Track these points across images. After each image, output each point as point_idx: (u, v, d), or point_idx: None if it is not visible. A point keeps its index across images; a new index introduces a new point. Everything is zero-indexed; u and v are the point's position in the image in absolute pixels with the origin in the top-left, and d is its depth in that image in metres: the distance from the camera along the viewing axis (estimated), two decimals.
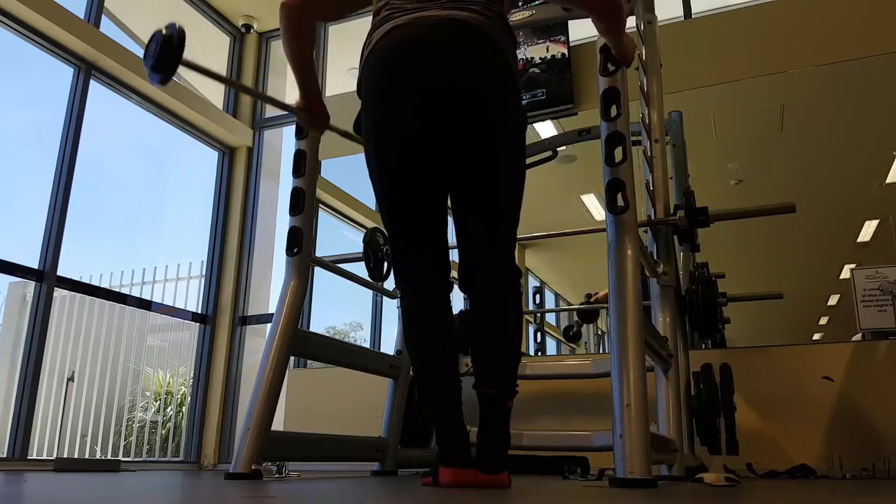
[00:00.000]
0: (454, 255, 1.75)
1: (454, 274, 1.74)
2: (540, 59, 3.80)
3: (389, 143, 1.65)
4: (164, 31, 1.62)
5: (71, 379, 4.20)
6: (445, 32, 1.59)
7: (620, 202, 1.82)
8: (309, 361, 4.05)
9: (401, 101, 1.61)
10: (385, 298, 4.23)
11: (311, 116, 1.98)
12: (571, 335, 4.30)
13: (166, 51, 1.61)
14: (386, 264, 2.77)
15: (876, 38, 3.20)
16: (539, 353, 4.26)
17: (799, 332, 3.89)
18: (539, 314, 4.44)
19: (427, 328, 1.70)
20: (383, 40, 1.62)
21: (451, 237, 1.75)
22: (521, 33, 3.81)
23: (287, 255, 2.28)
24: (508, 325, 1.66)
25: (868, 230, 3.82)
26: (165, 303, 4.40)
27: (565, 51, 3.76)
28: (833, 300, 4.01)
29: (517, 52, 1.74)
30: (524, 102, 3.78)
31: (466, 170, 1.64)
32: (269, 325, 2.44)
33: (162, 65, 1.62)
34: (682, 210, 2.52)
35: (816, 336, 3.93)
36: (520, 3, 1.91)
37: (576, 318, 4.38)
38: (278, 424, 2.31)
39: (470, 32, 1.59)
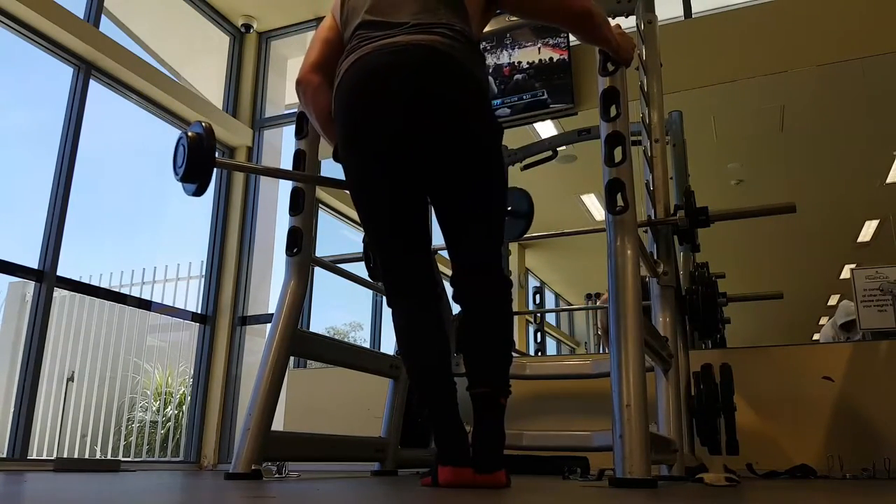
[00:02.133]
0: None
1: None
2: (528, 63, 3.79)
3: (364, 166, 1.70)
4: (189, 134, 1.40)
5: (71, 379, 4.20)
6: (409, 58, 1.62)
7: (620, 202, 1.82)
8: (309, 361, 4.05)
9: (371, 127, 1.65)
10: (385, 298, 4.23)
11: None
12: None
13: (196, 155, 1.39)
14: None
15: (876, 38, 3.20)
16: (539, 353, 4.26)
17: (799, 332, 3.89)
18: (539, 314, 4.44)
19: (421, 332, 1.73)
20: (350, 70, 1.66)
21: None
22: (508, 35, 3.81)
23: (287, 255, 2.28)
24: (500, 327, 1.70)
25: (868, 230, 3.82)
26: (165, 303, 4.40)
27: (554, 55, 3.75)
28: (833, 300, 4.01)
29: (486, 67, 1.76)
30: (524, 102, 3.78)
31: (444, 187, 1.69)
32: (269, 325, 2.44)
33: (194, 172, 1.39)
34: (682, 210, 2.52)
35: (816, 336, 3.93)
36: (497, 13, 1.92)
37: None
38: (278, 424, 2.31)
39: (434, 56, 1.62)
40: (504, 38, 3.82)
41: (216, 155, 1.33)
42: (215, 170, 1.63)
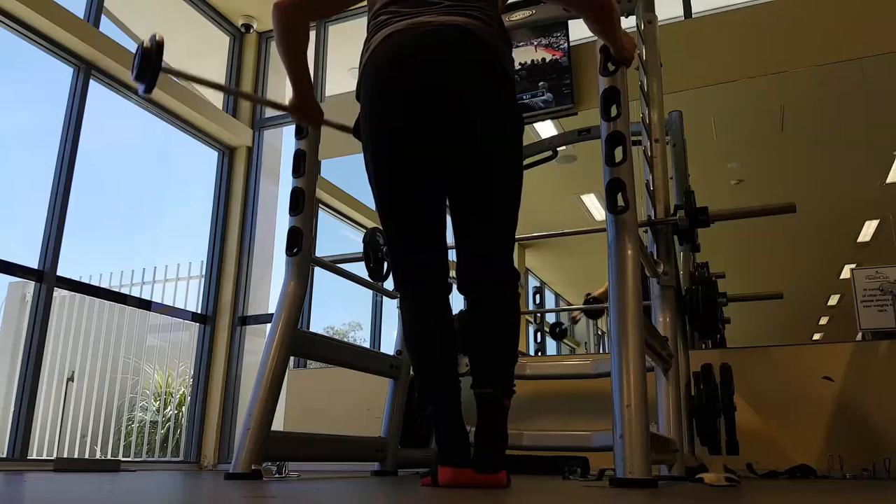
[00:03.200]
0: (452, 255, 1.76)
1: (453, 273, 1.75)
2: (520, 64, 3.77)
3: (387, 146, 1.67)
4: (144, 44, 1.74)
5: (71, 379, 4.20)
6: (443, 38, 1.61)
7: (621, 202, 1.82)
8: (309, 361, 4.05)
9: (398, 105, 1.63)
10: (385, 298, 4.23)
11: (305, 114, 2.00)
12: (558, 332, 4.31)
13: (146, 61, 1.72)
14: (386, 264, 2.77)
15: (876, 38, 3.20)
16: (539, 353, 4.26)
17: (799, 332, 3.88)
18: (539, 314, 4.44)
19: (427, 329, 1.71)
20: (381, 46, 1.64)
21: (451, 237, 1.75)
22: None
23: (287, 255, 2.28)
24: (506, 325, 1.67)
25: (868, 230, 3.82)
26: (165, 303, 4.40)
27: (547, 55, 3.74)
28: (833, 300, 4.01)
29: (512, 53, 1.75)
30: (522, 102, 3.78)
31: (463, 173, 1.66)
32: (269, 325, 2.44)
33: (143, 74, 1.74)
34: (682, 210, 2.52)
35: (816, 336, 3.93)
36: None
37: (574, 316, 4.38)
38: (278, 424, 2.31)
39: (467, 38, 1.61)
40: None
41: (162, 65, 1.75)
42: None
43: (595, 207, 4.29)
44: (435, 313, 1.71)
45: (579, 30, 3.65)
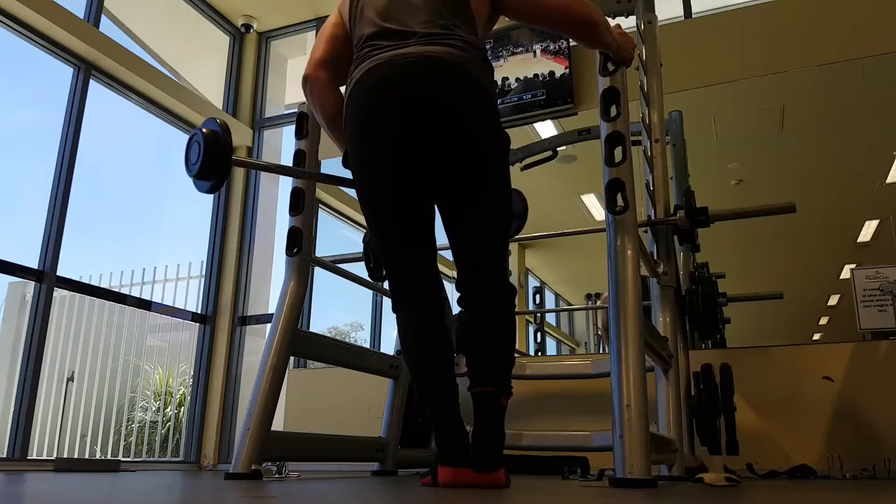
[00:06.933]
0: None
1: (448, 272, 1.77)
2: (517, 79, 3.75)
3: (374, 169, 1.71)
4: (204, 130, 1.39)
5: (71, 379, 4.20)
6: (422, 69, 1.63)
7: (620, 202, 1.82)
8: (309, 361, 4.05)
9: (383, 132, 1.66)
10: (385, 298, 4.23)
11: None
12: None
13: (213, 152, 1.37)
14: None
15: (876, 38, 3.20)
16: (539, 353, 4.26)
17: (799, 332, 3.88)
18: (539, 314, 4.44)
19: (423, 330, 1.73)
20: (363, 79, 1.67)
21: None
22: (491, 41, 3.78)
23: (287, 255, 2.28)
24: (503, 326, 1.69)
25: (868, 230, 3.81)
26: (165, 303, 4.39)
27: (556, 66, 3.73)
28: (833, 300, 4.01)
29: (493, 76, 1.79)
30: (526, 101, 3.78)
31: (447, 190, 1.70)
32: (269, 325, 2.45)
33: (210, 170, 1.38)
34: (682, 210, 2.52)
35: (816, 336, 3.93)
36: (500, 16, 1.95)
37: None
38: (278, 424, 2.32)
39: (446, 67, 1.63)
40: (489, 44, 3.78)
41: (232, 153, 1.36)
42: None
43: (595, 207, 4.29)
44: (431, 313, 1.73)
45: None
